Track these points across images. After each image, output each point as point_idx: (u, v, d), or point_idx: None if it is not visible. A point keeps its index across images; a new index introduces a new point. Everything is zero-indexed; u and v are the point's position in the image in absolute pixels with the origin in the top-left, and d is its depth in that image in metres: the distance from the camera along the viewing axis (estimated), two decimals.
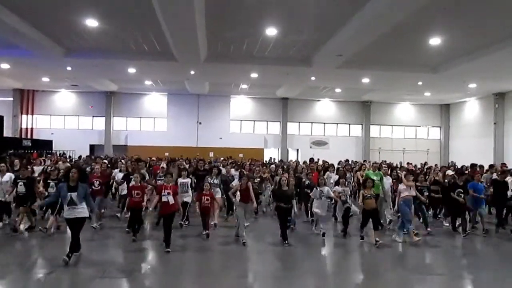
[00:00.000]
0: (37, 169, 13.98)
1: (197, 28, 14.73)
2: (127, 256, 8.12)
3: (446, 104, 34.51)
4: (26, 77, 26.95)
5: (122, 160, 17.74)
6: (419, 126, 35.33)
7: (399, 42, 16.84)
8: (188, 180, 11.09)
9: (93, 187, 10.25)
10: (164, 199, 8.38)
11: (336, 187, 10.61)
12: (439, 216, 12.90)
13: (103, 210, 11.40)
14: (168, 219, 8.41)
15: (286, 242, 8.98)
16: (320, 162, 18.05)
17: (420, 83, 24.48)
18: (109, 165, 15.74)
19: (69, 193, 7.30)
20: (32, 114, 32.14)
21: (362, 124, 34.54)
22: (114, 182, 12.70)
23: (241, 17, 14.56)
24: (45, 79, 27.10)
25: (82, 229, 7.58)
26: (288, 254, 8.57)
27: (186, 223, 10.81)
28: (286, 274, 7.22)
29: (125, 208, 10.71)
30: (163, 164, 15.82)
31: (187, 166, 15.57)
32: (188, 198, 10.77)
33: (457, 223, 10.96)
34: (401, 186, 10.03)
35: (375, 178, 10.88)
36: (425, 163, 22.93)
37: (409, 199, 9.85)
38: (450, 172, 14.39)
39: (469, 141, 31.39)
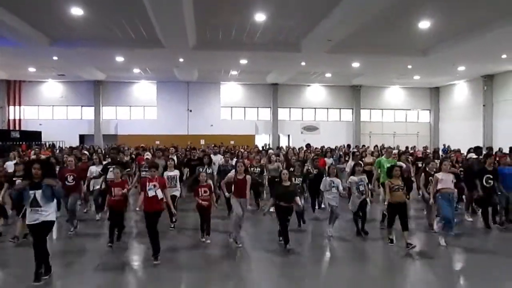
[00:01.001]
0: (9, 164, 11.15)
1: (185, 14, 14.56)
2: (107, 275, 6.30)
3: (435, 87, 34.65)
4: (11, 68, 26.49)
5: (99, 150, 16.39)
6: (409, 109, 35.46)
7: (388, 26, 16.79)
8: (176, 173, 9.60)
9: (67, 183, 8.75)
10: (150, 193, 6.96)
11: (352, 177, 8.80)
12: (458, 207, 10.83)
13: (86, 210, 10.50)
14: (153, 219, 6.95)
15: (288, 246, 7.49)
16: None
17: (409, 66, 24.52)
18: (90, 157, 13.25)
19: (31, 191, 5.81)
20: (20, 105, 31.68)
21: (352, 109, 34.59)
22: (88, 180, 10.33)
23: (229, 3, 14.39)
24: (32, 69, 26.67)
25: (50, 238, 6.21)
26: (295, 264, 6.89)
27: (174, 220, 9.26)
28: None
29: (105, 207, 8.68)
30: (147, 155, 14.00)
31: (174, 156, 14.02)
32: (176, 192, 9.40)
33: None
34: (439, 176, 8.20)
35: (388, 165, 9.51)
36: (426, 147, 22.44)
37: (449, 192, 8.07)
38: (473, 156, 12.67)
39: (458, 124, 31.62)
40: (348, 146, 22.19)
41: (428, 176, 9.02)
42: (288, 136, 34.37)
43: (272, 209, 8.04)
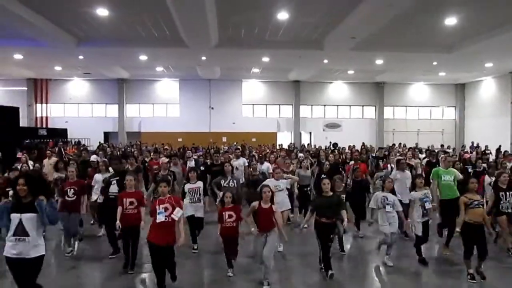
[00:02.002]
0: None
1: (207, 13, 14.61)
2: None
3: (461, 84, 33.83)
4: (39, 67, 27.10)
5: (98, 156, 13.59)
6: (434, 106, 34.77)
7: (414, 22, 16.46)
8: (199, 185, 7.92)
9: (66, 198, 7.60)
10: (159, 218, 5.47)
11: (413, 192, 7.22)
12: None
13: (82, 231, 8.75)
14: (162, 254, 5.53)
15: (331, 273, 6.26)
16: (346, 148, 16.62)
17: (435, 63, 24.00)
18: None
19: (15, 215, 4.44)
20: (47, 103, 32.45)
21: (375, 106, 34.13)
22: (94, 192, 8.80)
23: (251, 1, 14.36)
24: (58, 68, 27.26)
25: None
26: None
27: (195, 247, 7.94)
28: None
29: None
30: (162, 159, 11.60)
31: (191, 161, 12.01)
32: (200, 212, 7.91)
33: None
34: None
35: (447, 178, 8.22)
36: (463, 146, 20.78)
37: None
38: None
39: (485, 121, 30.81)
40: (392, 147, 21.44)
41: (498, 191, 7.45)
42: (310, 133, 34.18)
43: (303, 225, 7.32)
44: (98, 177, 8.70)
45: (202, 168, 10.82)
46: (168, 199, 5.58)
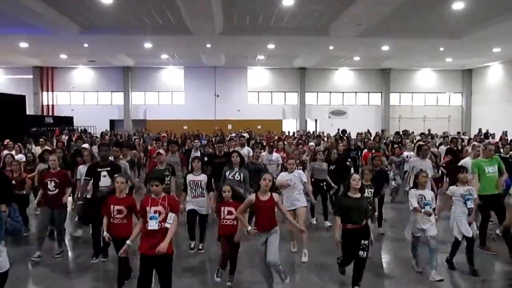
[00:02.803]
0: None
1: (212, 1, 14.51)
2: None
3: (468, 70, 33.49)
4: (44, 55, 27.14)
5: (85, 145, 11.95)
6: (441, 92, 34.48)
7: (420, 8, 16.27)
8: (202, 178, 6.90)
9: (48, 192, 6.60)
10: (151, 225, 4.43)
11: (453, 187, 6.17)
12: None
13: (78, 233, 7.93)
14: (154, 265, 4.45)
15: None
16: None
17: (441, 48, 23.77)
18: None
19: None
20: (53, 91, 32.57)
21: (381, 92, 33.90)
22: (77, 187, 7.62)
23: None
24: (63, 56, 27.29)
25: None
26: None
27: (200, 246, 7.05)
28: None
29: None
30: (160, 150, 10.19)
31: (197, 151, 10.58)
32: (204, 209, 6.91)
33: None
34: None
35: (491, 170, 7.07)
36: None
37: None
38: None
39: (492, 107, 30.53)
40: (404, 132, 21.09)
41: None
42: (316, 120, 34.11)
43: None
44: (83, 169, 7.27)
45: (205, 158, 9.52)
46: (162, 200, 4.50)
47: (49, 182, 6.58)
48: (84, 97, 33.03)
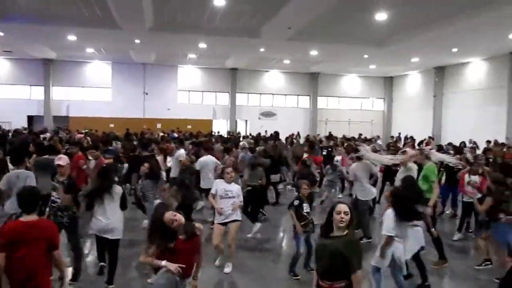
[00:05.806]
0: None
1: None
2: None
3: (389, 77, 35.60)
4: None
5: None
6: (365, 97, 36.28)
7: (346, 16, 17.01)
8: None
9: None
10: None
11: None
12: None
13: None
14: None
15: None
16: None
17: (365, 56, 25.02)
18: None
19: None
20: None
21: (310, 96, 34.92)
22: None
23: None
24: None
25: None
26: None
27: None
28: None
29: None
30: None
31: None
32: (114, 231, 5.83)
33: None
34: None
35: None
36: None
37: None
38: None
39: (410, 113, 32.73)
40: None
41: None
42: (246, 121, 34.34)
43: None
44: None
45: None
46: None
47: None
48: None
